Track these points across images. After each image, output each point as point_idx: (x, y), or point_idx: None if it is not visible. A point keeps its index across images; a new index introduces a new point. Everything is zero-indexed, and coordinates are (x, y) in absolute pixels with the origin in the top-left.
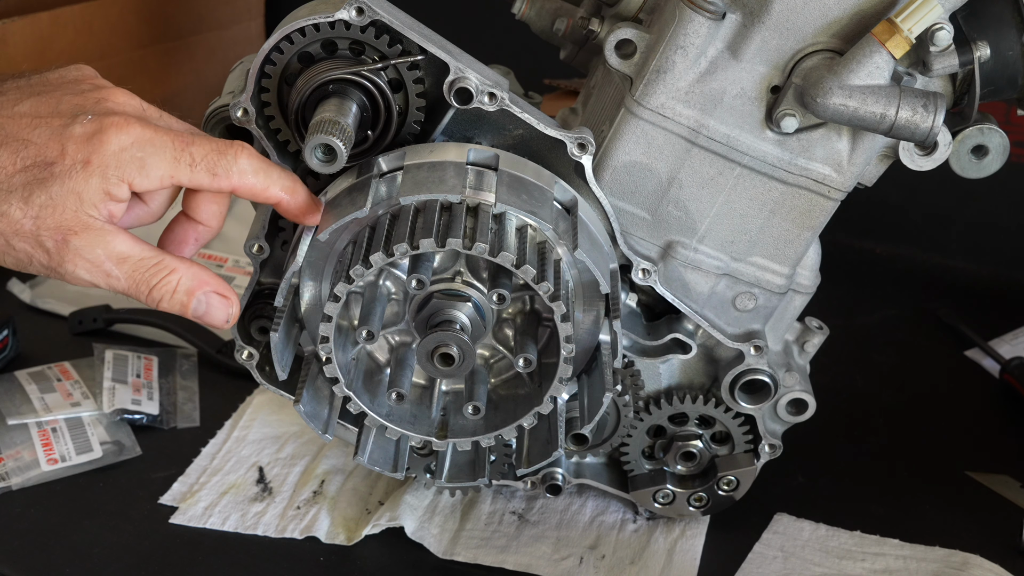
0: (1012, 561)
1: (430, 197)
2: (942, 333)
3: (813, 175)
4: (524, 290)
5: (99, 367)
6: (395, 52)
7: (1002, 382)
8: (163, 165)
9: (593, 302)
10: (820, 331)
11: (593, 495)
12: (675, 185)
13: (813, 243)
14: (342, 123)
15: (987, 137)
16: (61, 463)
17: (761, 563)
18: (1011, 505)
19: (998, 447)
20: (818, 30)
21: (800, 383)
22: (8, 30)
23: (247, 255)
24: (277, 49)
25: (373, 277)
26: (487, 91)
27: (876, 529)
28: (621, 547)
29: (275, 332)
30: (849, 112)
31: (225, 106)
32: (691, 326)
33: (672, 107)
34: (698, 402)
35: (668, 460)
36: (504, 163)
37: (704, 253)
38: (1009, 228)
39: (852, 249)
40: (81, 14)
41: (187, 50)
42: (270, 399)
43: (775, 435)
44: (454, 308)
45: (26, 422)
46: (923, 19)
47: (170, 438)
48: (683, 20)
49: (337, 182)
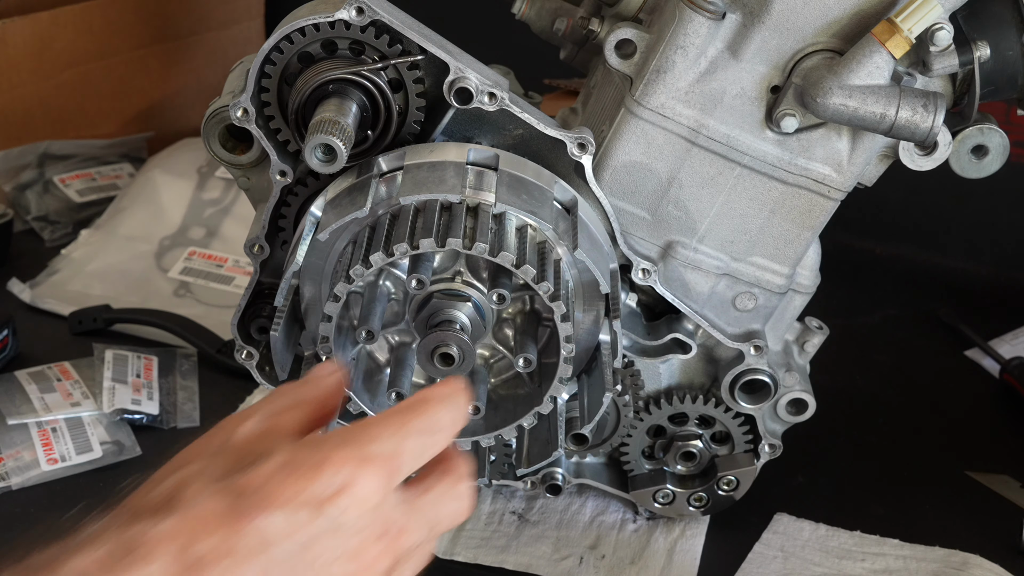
0: (1012, 561)
1: (430, 197)
2: (942, 333)
3: (813, 175)
4: (524, 290)
5: (99, 367)
6: (395, 52)
7: (1002, 382)
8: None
9: (593, 302)
10: (820, 331)
11: (593, 495)
12: (675, 185)
13: (813, 243)
14: (342, 123)
15: (987, 137)
16: (61, 463)
17: (761, 563)
18: (1011, 505)
19: (998, 447)
20: (818, 30)
21: (800, 383)
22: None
23: (247, 255)
24: (277, 49)
25: (373, 277)
26: (487, 91)
27: (876, 529)
28: (621, 547)
29: (275, 332)
30: (849, 112)
31: (225, 106)
32: (691, 326)
33: (672, 107)
34: (698, 402)
35: (668, 460)
36: (504, 163)
37: (704, 253)
38: (1009, 228)
39: (852, 249)
40: (81, 14)
41: (187, 50)
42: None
43: (775, 435)
44: (454, 308)
45: (26, 422)
46: (923, 19)
47: (170, 438)
48: (683, 20)
49: (337, 182)
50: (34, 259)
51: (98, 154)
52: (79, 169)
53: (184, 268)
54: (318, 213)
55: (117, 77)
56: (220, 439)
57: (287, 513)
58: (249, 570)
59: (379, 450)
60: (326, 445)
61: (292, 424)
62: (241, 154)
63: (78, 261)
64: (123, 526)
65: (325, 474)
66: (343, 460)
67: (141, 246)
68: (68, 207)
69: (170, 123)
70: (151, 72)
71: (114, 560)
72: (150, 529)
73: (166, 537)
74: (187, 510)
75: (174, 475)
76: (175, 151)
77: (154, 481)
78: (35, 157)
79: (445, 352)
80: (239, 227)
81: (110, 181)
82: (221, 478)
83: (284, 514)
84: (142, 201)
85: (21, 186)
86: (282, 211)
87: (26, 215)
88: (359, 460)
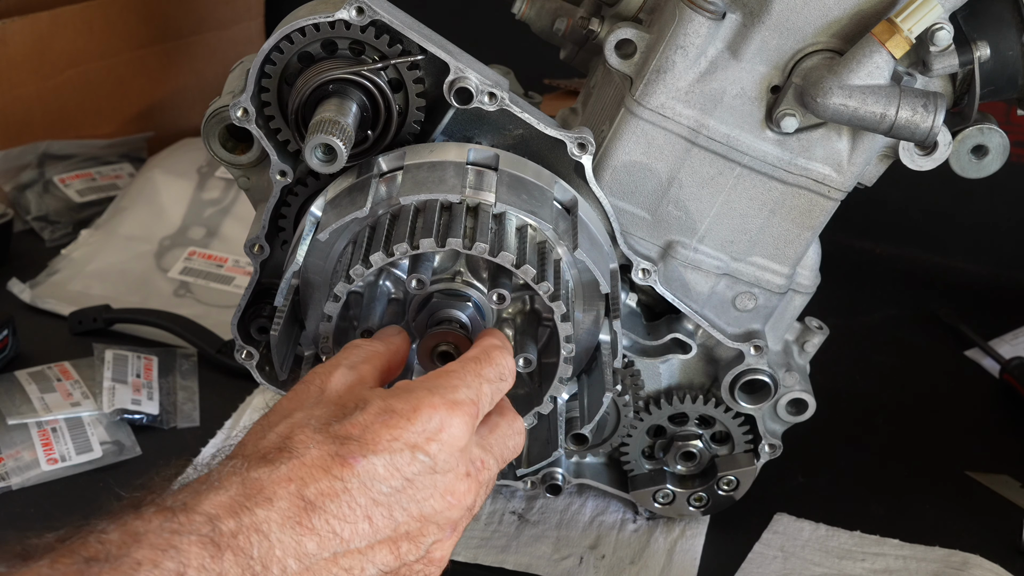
0: (1012, 561)
1: (430, 197)
2: (942, 333)
3: (813, 175)
4: (524, 290)
5: (99, 367)
6: (395, 52)
7: (1002, 382)
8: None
9: (593, 302)
10: (820, 331)
11: (593, 495)
12: (675, 185)
13: (813, 243)
14: (342, 123)
15: (987, 137)
16: (61, 463)
17: (761, 563)
18: (1011, 505)
19: (998, 447)
20: (818, 30)
21: (800, 383)
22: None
23: (247, 255)
24: (277, 49)
25: (373, 277)
26: (487, 91)
27: (876, 529)
28: (621, 547)
29: (275, 332)
30: (849, 112)
31: (225, 106)
32: (691, 326)
33: (672, 107)
34: (698, 402)
35: (668, 460)
36: (504, 163)
37: (704, 253)
38: (1009, 228)
39: (852, 249)
40: (81, 14)
41: (187, 50)
42: (270, 399)
43: (775, 435)
44: (454, 308)
45: (26, 422)
46: (923, 19)
47: (170, 438)
48: (683, 20)
49: (337, 182)
50: (34, 259)
51: (98, 154)
52: (79, 169)
53: (184, 268)
54: (318, 213)
55: (117, 77)
56: (315, 390)
57: (386, 457)
58: (356, 507)
59: (463, 396)
60: (416, 393)
61: (372, 374)
62: (241, 154)
63: (78, 261)
64: (245, 470)
65: (419, 420)
66: (434, 407)
67: (141, 246)
68: (68, 207)
69: (170, 123)
70: (151, 72)
71: (243, 500)
72: (271, 474)
73: (283, 479)
74: (299, 456)
75: (282, 423)
76: (175, 151)
77: (263, 427)
78: (35, 157)
79: (445, 351)
80: (239, 227)
81: (110, 181)
82: (324, 426)
83: (383, 458)
84: (142, 201)
85: (21, 186)
86: (282, 211)
87: (26, 215)
88: (449, 406)
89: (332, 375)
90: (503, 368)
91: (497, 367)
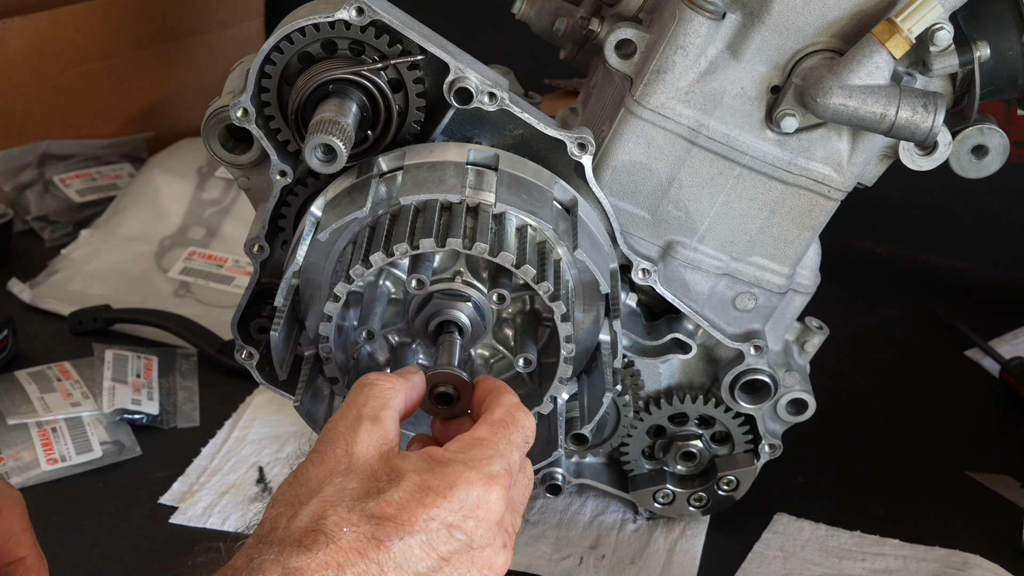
0: (1012, 561)
1: (430, 197)
2: (942, 333)
3: (813, 175)
4: (524, 290)
5: (99, 367)
6: (395, 52)
7: (1002, 382)
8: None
9: (593, 302)
10: (820, 331)
11: (593, 495)
12: (675, 185)
13: (813, 243)
14: (342, 123)
15: (987, 137)
16: (61, 463)
17: (761, 563)
18: (1011, 505)
19: (998, 447)
20: (818, 30)
21: (800, 383)
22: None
23: (247, 255)
24: (277, 49)
25: (373, 277)
26: (487, 91)
27: (876, 529)
28: (621, 547)
29: (275, 332)
30: (849, 112)
31: (225, 106)
32: (691, 326)
33: (672, 107)
34: (698, 402)
35: (668, 460)
36: (504, 163)
37: (704, 253)
38: (1009, 228)
39: (852, 249)
40: (81, 14)
41: (187, 50)
42: (270, 399)
43: (775, 435)
44: (454, 308)
45: (26, 422)
46: (923, 19)
47: (170, 438)
48: (683, 20)
49: (337, 182)
50: (34, 259)
51: (98, 154)
52: (79, 169)
53: (184, 268)
54: (318, 213)
55: (117, 77)
56: (342, 455)
57: (422, 537)
58: None
59: (499, 468)
60: (451, 468)
61: (394, 423)
62: (241, 154)
63: (78, 261)
64: (284, 558)
65: (456, 497)
66: (471, 482)
67: (141, 246)
68: (68, 207)
69: (170, 123)
70: (151, 72)
71: None
72: (310, 562)
73: (322, 566)
74: (336, 541)
75: (313, 500)
76: (175, 151)
77: (293, 503)
78: (35, 157)
79: (444, 392)
80: (239, 227)
81: (110, 181)
82: (357, 503)
83: (419, 538)
84: (142, 201)
85: (21, 186)
86: (282, 211)
87: (26, 215)
88: (486, 481)
89: (357, 435)
90: (528, 431)
91: (523, 431)
